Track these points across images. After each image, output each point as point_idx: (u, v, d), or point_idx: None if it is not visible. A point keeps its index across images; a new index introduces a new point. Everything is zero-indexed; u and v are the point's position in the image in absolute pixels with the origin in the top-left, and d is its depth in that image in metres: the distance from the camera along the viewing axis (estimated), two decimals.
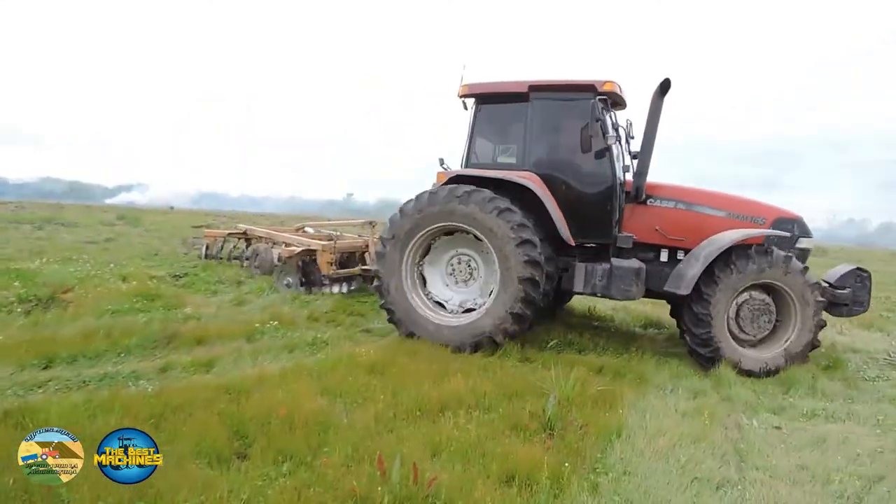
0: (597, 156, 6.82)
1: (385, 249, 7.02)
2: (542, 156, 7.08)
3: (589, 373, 5.75)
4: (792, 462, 4.14)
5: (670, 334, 8.30)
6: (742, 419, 4.98)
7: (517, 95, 7.08)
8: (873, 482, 3.88)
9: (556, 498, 3.36)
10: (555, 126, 7.07)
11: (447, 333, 6.69)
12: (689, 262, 6.61)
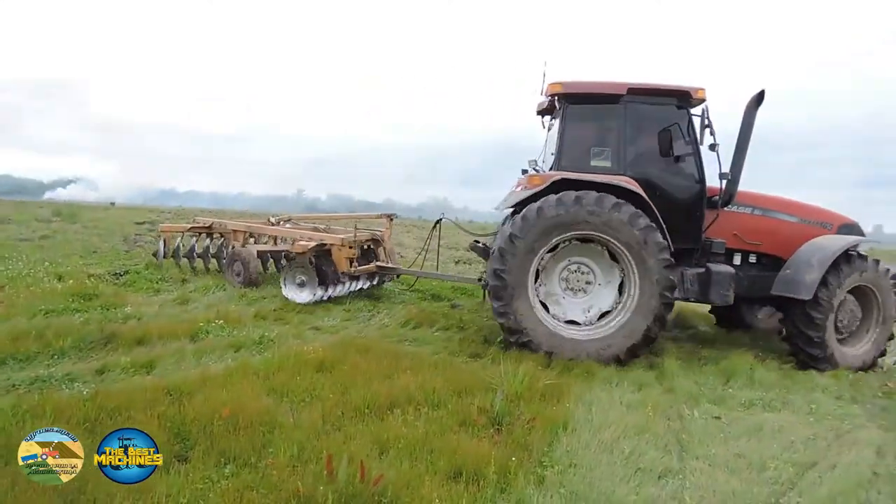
0: (687, 161, 6.94)
1: (510, 258, 6.59)
2: (637, 160, 7.00)
3: (538, 367, 5.83)
4: (730, 450, 4.28)
5: None
6: (684, 410, 5.13)
7: (612, 97, 6.97)
8: (806, 468, 4.05)
9: (503, 492, 3.38)
10: (648, 130, 6.96)
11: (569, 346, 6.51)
12: (801, 267, 6.83)
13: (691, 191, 6.99)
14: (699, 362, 7.01)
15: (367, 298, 9.85)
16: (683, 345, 7.83)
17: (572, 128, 7.11)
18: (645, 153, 7.03)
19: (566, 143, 7.09)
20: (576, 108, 7.11)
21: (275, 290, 9.50)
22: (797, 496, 3.64)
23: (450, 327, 7.89)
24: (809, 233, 7.27)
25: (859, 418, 5.14)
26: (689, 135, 6.85)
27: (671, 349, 7.50)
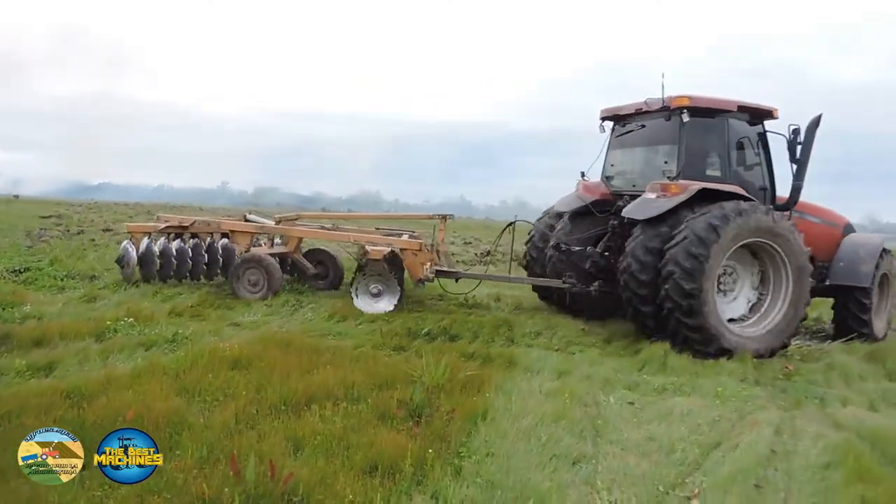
0: (759, 170, 8.19)
1: (704, 262, 6.81)
2: (739, 170, 7.93)
3: (460, 359, 5.86)
4: (642, 434, 4.43)
5: (542, 318, 8.61)
6: (600, 396, 5.27)
7: (723, 112, 7.82)
8: (711, 448, 4.24)
9: (419, 484, 3.36)
10: (742, 143, 7.99)
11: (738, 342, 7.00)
12: (854, 260, 8.28)
13: (766, 197, 8.11)
14: (618, 350, 7.25)
15: (292, 292, 9.63)
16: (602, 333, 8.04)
17: (692, 139, 7.79)
18: (741, 164, 8.07)
19: (688, 154, 7.78)
20: (696, 120, 7.74)
21: (193, 287, 9.14)
22: (702, 475, 3.80)
23: (375, 320, 7.82)
24: (827, 232, 8.58)
25: (761, 400, 5.42)
26: (764, 147, 8.18)
27: (592, 339, 7.71)
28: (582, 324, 8.50)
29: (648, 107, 8.18)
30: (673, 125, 7.85)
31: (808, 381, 6.19)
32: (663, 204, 7.27)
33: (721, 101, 7.85)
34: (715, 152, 7.91)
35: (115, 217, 25.63)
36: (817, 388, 5.94)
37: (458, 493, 3.31)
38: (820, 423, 4.75)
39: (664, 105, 7.87)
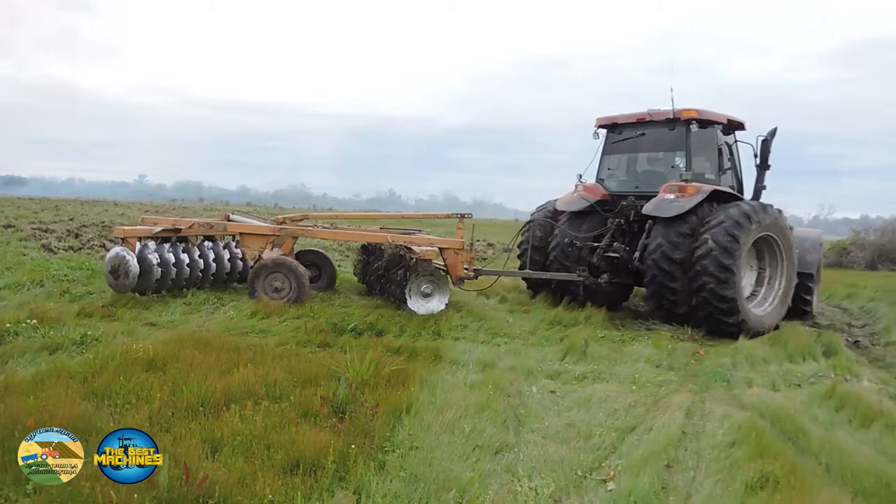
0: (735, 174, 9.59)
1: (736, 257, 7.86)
2: (720, 174, 9.19)
3: (385, 354, 5.84)
4: (562, 421, 4.56)
5: (469, 312, 8.69)
6: (523, 386, 5.39)
7: (715, 123, 9.10)
8: (626, 433, 4.41)
9: (342, 480, 3.33)
10: (722, 150, 9.23)
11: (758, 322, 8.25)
12: (802, 250, 9.32)
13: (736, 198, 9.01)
14: (542, 341, 7.43)
15: (213, 290, 9.32)
16: (526, 325, 8.21)
17: (696, 146, 8.93)
18: (722, 167, 9.23)
19: (694, 159, 8.90)
20: (702, 131, 8.94)
21: (105, 286, 8.68)
22: (618, 458, 3.95)
23: (300, 317, 7.68)
24: None
25: (674, 384, 5.69)
26: (735, 154, 9.54)
27: (517, 331, 7.86)
28: (508, 316, 8.66)
29: (652, 116, 9.24)
30: (679, 134, 8.99)
31: (718, 365, 6.53)
32: (684, 203, 8.22)
33: (715, 114, 9.06)
34: (709, 158, 9.13)
35: (18, 213, 24.01)
36: (726, 371, 6.27)
37: (382, 487, 3.31)
38: (727, 404, 5.02)
39: (674, 116, 8.90)
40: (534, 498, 3.37)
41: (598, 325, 8.36)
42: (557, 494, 3.43)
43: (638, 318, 9.22)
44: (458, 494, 3.27)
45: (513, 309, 9.39)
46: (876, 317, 10.69)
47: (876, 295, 12.35)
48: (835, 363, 6.53)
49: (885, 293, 12.40)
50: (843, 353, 7.06)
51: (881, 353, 7.83)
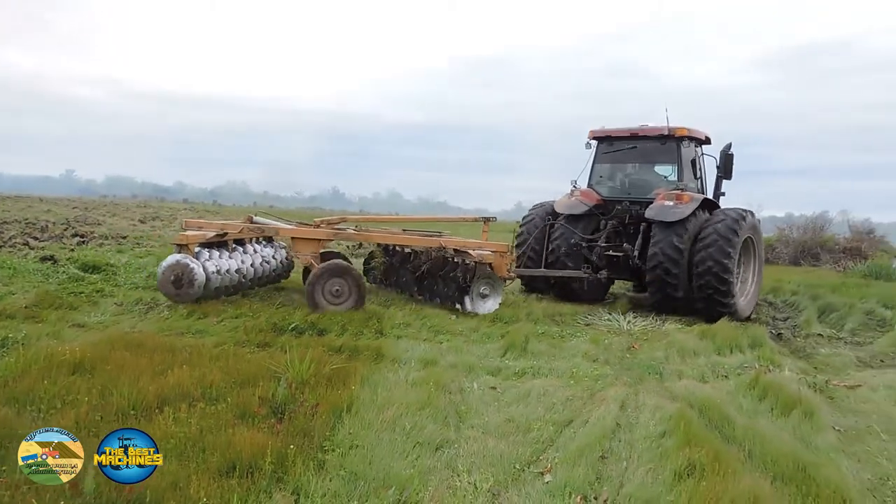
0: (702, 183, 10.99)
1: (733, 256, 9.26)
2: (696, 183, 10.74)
3: (327, 353, 5.78)
4: (502, 417, 4.63)
5: (412, 310, 8.70)
6: (464, 383, 5.44)
7: (695, 139, 10.70)
8: (563, 426, 4.52)
9: (280, 481, 3.30)
10: (695, 161, 10.74)
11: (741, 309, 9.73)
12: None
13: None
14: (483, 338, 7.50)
15: (146, 289, 9.02)
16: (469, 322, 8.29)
17: (684, 160, 10.40)
18: (697, 177, 10.77)
19: (684, 171, 10.38)
20: (688, 146, 10.49)
21: (28, 285, 8.27)
22: (555, 451, 4.05)
23: (239, 316, 7.51)
24: None
25: (609, 378, 5.86)
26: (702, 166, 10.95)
27: (460, 328, 7.91)
28: (451, 314, 8.71)
29: (644, 132, 10.61)
30: (669, 148, 10.46)
31: (651, 358, 6.76)
32: (684, 210, 9.47)
33: (697, 131, 10.60)
34: (690, 170, 10.57)
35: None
36: (658, 364, 6.51)
37: (321, 487, 3.29)
38: (659, 396, 5.21)
39: (669, 132, 10.29)
40: (473, 493, 3.41)
41: (539, 322, 8.53)
42: (496, 488, 3.49)
43: (577, 314, 9.44)
44: (398, 492, 3.29)
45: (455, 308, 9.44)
46: (798, 310, 11.30)
47: (798, 289, 13.04)
48: (759, 355, 6.88)
49: (806, 287, 13.11)
50: (766, 345, 7.44)
51: (801, 345, 8.31)
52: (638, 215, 10.39)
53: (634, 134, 10.68)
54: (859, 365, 7.22)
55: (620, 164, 11.23)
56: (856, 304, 11.36)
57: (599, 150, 11.09)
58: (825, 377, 6.26)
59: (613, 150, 11.03)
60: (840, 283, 14.28)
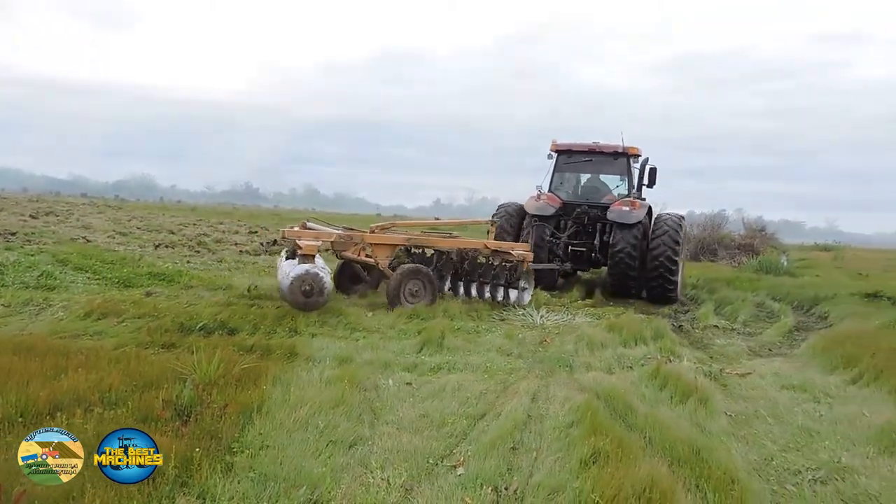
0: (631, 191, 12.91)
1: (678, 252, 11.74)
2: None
3: (237, 352, 5.61)
4: (417, 412, 4.66)
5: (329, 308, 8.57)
6: (380, 379, 5.43)
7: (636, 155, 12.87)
8: (477, 420, 4.60)
9: (184, 485, 3.18)
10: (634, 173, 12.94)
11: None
12: None
13: None
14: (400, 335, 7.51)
15: (38, 289, 8.44)
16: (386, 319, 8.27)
17: (633, 173, 12.77)
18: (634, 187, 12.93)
19: (632, 182, 12.74)
20: (634, 162, 12.85)
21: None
22: (468, 445, 4.12)
23: (142, 317, 7.15)
24: None
25: (522, 371, 6.02)
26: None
27: (376, 324, 7.88)
28: (367, 311, 8.66)
29: (600, 148, 12.87)
30: (621, 163, 12.90)
31: (562, 351, 6.99)
32: (638, 214, 11.69)
33: (639, 149, 12.82)
34: (635, 181, 12.76)
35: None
36: (569, 357, 6.72)
37: (228, 489, 3.20)
38: (568, 388, 5.40)
39: (623, 150, 12.72)
40: (385, 489, 3.42)
41: (456, 318, 8.62)
42: (409, 483, 3.51)
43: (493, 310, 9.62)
44: (309, 491, 3.25)
45: (372, 303, 9.41)
46: (697, 303, 12.03)
47: (698, 283, 13.86)
48: (661, 346, 7.27)
49: (704, 282, 13.96)
50: (668, 336, 7.87)
51: (700, 336, 8.84)
52: (595, 217, 12.51)
53: (592, 149, 12.94)
54: (750, 354, 7.76)
55: (577, 175, 13.64)
56: (748, 297, 12.24)
57: (560, 160, 13.22)
58: (720, 366, 6.70)
59: (573, 162, 13.29)
60: (735, 277, 15.32)
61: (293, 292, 7.64)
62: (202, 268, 12.77)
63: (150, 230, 22.19)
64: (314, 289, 7.70)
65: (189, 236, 20.11)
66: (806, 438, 4.59)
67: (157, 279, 10.31)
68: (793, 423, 4.94)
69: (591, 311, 10.14)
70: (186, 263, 13.24)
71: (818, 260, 25.15)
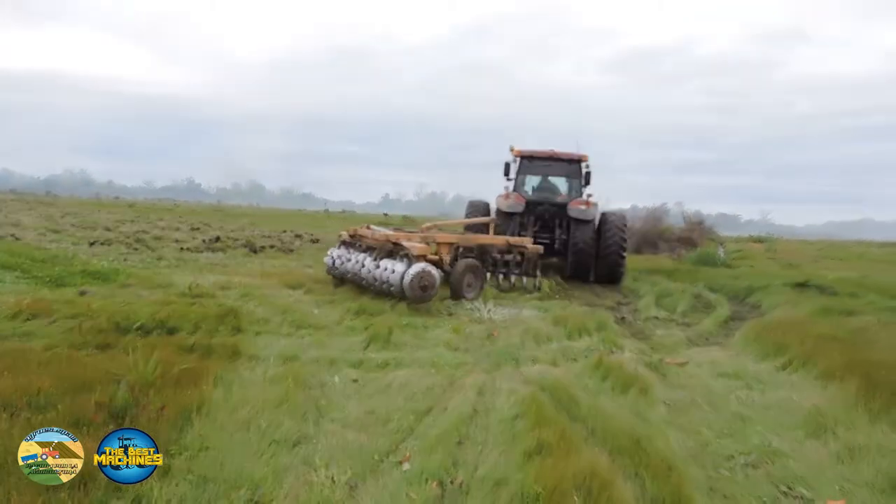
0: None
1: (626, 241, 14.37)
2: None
3: (177, 352, 5.45)
4: (363, 409, 4.63)
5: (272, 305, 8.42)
6: (325, 377, 5.38)
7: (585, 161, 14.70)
8: (423, 415, 4.61)
9: (118, 490, 3.06)
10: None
11: None
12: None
13: None
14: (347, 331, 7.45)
15: None
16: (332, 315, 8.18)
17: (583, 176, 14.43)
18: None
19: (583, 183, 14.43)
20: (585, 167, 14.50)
21: None
22: (414, 440, 4.12)
23: (75, 317, 6.83)
24: None
25: (469, 365, 6.06)
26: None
27: (323, 321, 7.80)
28: (314, 308, 8.56)
29: (558, 155, 14.65)
30: (574, 167, 14.71)
31: (509, 345, 7.05)
32: (593, 212, 13.82)
33: (587, 156, 14.58)
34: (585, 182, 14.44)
35: None
36: (515, 350, 6.79)
37: (165, 493, 3.11)
38: (514, 381, 5.46)
39: (577, 158, 14.60)
40: (330, 486, 3.38)
41: (404, 313, 8.60)
42: (354, 480, 3.49)
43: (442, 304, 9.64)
44: (250, 491, 3.20)
45: (319, 300, 9.30)
46: (639, 295, 12.35)
47: (639, 276, 14.24)
48: (604, 338, 7.44)
49: (646, 274, 14.38)
50: (611, 328, 8.07)
51: (641, 327, 9.09)
52: (553, 213, 14.38)
53: (551, 156, 14.75)
54: (688, 344, 8.02)
55: (537, 176, 15.43)
56: (687, 288, 12.67)
57: (523, 164, 14.93)
58: (659, 356, 6.91)
59: (534, 166, 15.07)
60: (675, 269, 15.85)
61: (412, 288, 8.87)
62: (140, 266, 12.34)
63: (84, 227, 21.29)
64: (429, 283, 8.95)
65: (127, 233, 19.38)
66: (739, 424, 4.78)
67: (91, 278, 9.89)
68: (727, 409, 5.13)
69: (538, 304, 10.28)
70: (123, 261, 12.78)
71: (753, 251, 26.26)
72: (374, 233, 10.58)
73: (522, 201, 14.28)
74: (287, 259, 15.72)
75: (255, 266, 13.50)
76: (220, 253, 15.91)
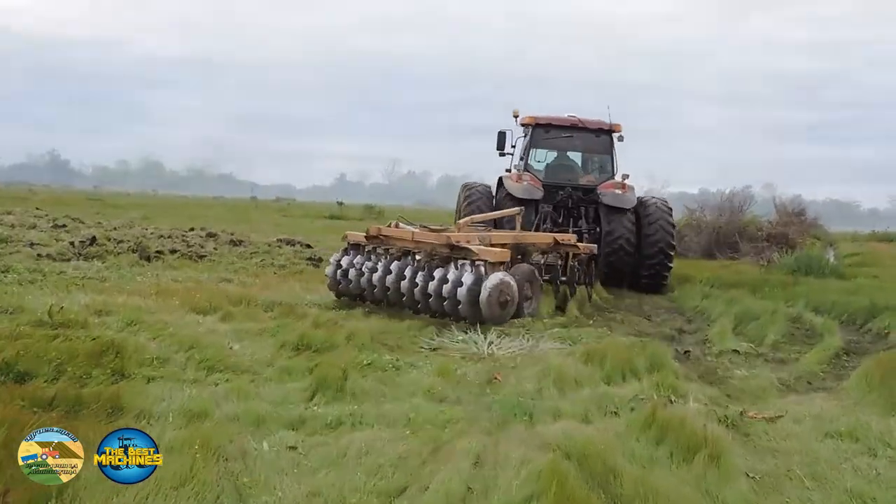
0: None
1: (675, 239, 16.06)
2: None
3: (29, 410, 5.39)
4: (304, 490, 4.59)
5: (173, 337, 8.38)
6: (249, 443, 5.34)
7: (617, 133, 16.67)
8: (393, 497, 4.59)
9: None
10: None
11: None
12: None
13: None
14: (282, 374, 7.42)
15: None
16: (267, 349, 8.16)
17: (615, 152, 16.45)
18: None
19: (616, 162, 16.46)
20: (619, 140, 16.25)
21: None
22: None
23: None
24: None
25: (461, 423, 6.04)
26: None
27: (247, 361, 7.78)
28: (232, 341, 8.53)
29: (584, 123, 15.90)
30: (604, 140, 16.20)
31: (519, 392, 7.06)
32: (631, 197, 15.16)
33: (620, 125, 15.77)
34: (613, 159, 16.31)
35: None
36: (528, 400, 6.80)
37: None
38: (526, 445, 5.45)
39: (607, 128, 15.84)
40: None
41: (365, 348, 8.58)
42: None
43: (419, 334, 9.62)
44: None
45: (240, 329, 9.26)
46: (710, 319, 12.41)
47: (710, 290, 14.34)
48: (658, 381, 7.43)
49: (720, 288, 14.45)
50: (669, 367, 8.08)
51: (712, 365, 9.14)
52: (578, 200, 15.59)
53: (574, 124, 15.85)
54: (781, 389, 8.06)
55: (556, 151, 16.72)
56: (780, 308, 12.75)
57: (535, 135, 16.13)
58: (739, 407, 6.92)
59: (551, 138, 16.31)
60: (762, 280, 15.93)
61: (491, 304, 9.60)
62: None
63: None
64: (510, 298, 9.75)
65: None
66: None
67: None
68: (839, 485, 5.14)
69: (563, 332, 10.26)
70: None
71: (877, 254, 26.45)
72: (415, 233, 10.82)
73: (539, 185, 15.22)
74: (195, 269, 15.71)
75: (149, 280, 13.47)
76: (97, 261, 15.84)
